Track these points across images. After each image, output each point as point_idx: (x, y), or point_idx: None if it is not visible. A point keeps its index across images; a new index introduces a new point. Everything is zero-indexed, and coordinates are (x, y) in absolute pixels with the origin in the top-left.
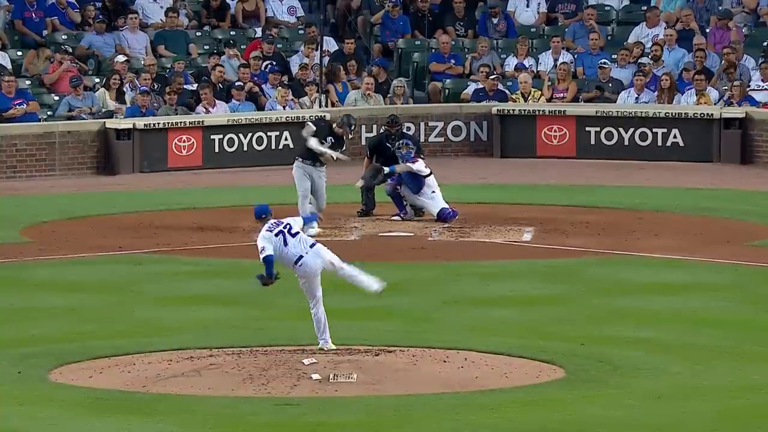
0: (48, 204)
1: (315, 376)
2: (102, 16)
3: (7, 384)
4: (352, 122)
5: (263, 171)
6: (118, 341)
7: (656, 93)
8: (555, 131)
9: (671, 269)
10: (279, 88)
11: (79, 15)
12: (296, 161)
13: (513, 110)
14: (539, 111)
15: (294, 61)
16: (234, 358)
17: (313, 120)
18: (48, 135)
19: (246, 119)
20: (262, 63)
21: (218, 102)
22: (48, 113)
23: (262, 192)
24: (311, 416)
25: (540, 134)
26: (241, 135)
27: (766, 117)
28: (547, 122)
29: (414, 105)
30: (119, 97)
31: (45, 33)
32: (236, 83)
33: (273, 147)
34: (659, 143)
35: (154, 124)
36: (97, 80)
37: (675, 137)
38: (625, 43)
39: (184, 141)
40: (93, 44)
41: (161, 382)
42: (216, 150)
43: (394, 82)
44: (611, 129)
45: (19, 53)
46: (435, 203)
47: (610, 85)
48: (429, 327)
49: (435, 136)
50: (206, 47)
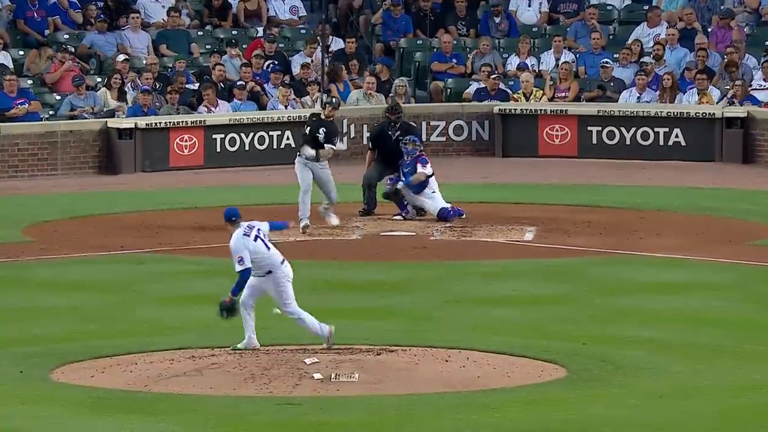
0: (50, 203)
1: (317, 376)
2: (104, 16)
3: (9, 383)
4: (333, 100)
5: (265, 170)
6: (120, 341)
7: (658, 92)
8: (557, 131)
9: (673, 269)
10: (281, 88)
11: (81, 14)
12: (297, 157)
13: (515, 110)
14: (541, 110)
15: (296, 61)
16: (236, 358)
17: (307, 121)
18: (50, 134)
19: (248, 119)
20: (264, 62)
21: (220, 101)
22: (50, 113)
23: (264, 191)
24: (313, 416)
25: (542, 134)
26: (243, 134)
27: None
28: (549, 122)
29: (416, 104)
30: (121, 97)
31: (47, 32)
32: (238, 83)
33: (275, 146)
34: (661, 143)
35: (156, 124)
36: (99, 80)
37: (677, 137)
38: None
39: (186, 140)
40: (95, 43)
41: (163, 382)
42: (218, 149)
43: (396, 82)
44: (613, 128)
45: (21, 53)
46: (435, 203)
47: (612, 85)
48: (431, 326)
49: (437, 136)
50: (208, 46)
